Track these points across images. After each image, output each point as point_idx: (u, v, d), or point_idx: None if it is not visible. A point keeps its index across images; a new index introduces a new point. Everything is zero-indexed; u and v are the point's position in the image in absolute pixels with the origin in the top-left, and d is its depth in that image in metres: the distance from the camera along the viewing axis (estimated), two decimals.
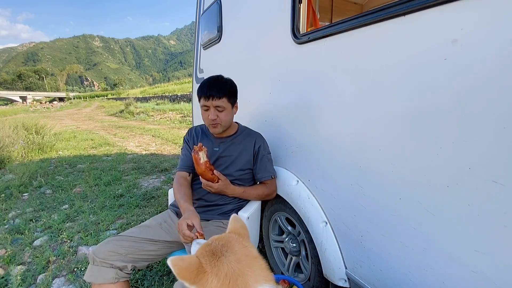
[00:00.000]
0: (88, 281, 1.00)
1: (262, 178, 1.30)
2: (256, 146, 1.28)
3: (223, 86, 1.16)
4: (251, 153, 1.28)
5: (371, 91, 0.86)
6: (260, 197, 1.32)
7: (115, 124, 11.43)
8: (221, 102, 1.14)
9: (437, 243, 0.72)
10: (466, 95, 0.62)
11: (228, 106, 1.17)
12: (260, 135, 1.33)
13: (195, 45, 2.55)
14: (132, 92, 36.52)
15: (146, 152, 5.35)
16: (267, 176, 1.29)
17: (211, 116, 1.15)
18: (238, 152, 1.27)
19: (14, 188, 3.11)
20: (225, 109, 1.16)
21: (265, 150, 1.31)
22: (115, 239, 1.07)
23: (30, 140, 5.34)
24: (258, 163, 1.29)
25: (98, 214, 2.47)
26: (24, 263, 1.79)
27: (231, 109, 1.21)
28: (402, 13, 0.73)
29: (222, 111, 1.16)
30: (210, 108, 1.15)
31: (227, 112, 1.18)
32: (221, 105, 1.14)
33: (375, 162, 0.87)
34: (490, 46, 0.57)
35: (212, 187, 1.16)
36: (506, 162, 0.56)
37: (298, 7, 1.17)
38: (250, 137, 1.30)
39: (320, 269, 1.15)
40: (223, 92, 1.14)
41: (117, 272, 1.01)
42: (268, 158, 1.32)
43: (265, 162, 1.29)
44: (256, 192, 1.29)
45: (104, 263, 0.99)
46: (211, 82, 1.15)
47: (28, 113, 20.57)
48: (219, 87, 1.14)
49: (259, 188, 1.31)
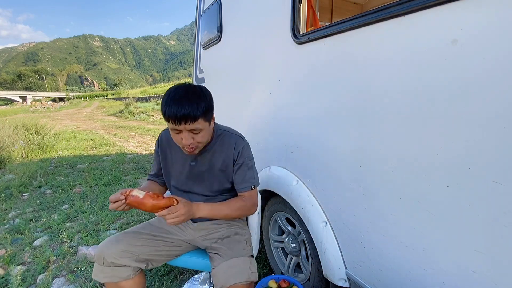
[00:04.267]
0: (103, 281, 0.97)
1: (240, 189, 1.07)
2: (236, 153, 1.05)
3: (196, 104, 0.87)
4: (231, 162, 1.06)
5: (371, 91, 0.86)
6: (234, 213, 1.05)
7: (115, 124, 11.43)
8: (196, 124, 0.89)
9: (437, 243, 0.72)
10: (466, 95, 0.62)
11: (205, 125, 0.93)
12: (240, 139, 1.08)
13: (195, 45, 2.55)
14: (132, 92, 36.53)
15: (146, 152, 5.35)
16: (245, 187, 1.06)
17: (185, 141, 0.91)
18: (218, 163, 1.07)
19: (14, 188, 3.11)
20: (202, 130, 0.92)
21: (246, 156, 1.07)
22: (126, 237, 1.02)
23: (30, 140, 5.35)
24: (237, 172, 1.07)
25: (98, 214, 2.47)
26: (24, 263, 1.79)
27: (208, 126, 0.95)
28: (402, 13, 0.73)
29: (198, 133, 0.92)
30: (183, 131, 0.90)
31: (204, 133, 0.94)
32: (197, 127, 0.90)
33: (375, 162, 0.87)
34: (490, 46, 0.57)
35: (179, 211, 0.89)
36: (506, 162, 0.56)
37: (298, 7, 1.17)
38: (229, 143, 1.06)
39: (320, 269, 1.15)
40: (197, 112, 0.87)
41: (133, 268, 0.99)
42: (249, 165, 1.08)
43: (245, 170, 1.06)
44: (228, 207, 1.04)
45: (116, 263, 0.96)
46: (179, 100, 0.86)
47: (28, 113, 20.56)
48: (191, 107, 0.86)
49: (232, 203, 1.06)
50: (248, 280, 0.92)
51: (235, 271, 0.92)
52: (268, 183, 1.44)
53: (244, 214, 1.10)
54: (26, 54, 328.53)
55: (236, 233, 1.10)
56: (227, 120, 1.92)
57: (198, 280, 1.55)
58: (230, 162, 1.06)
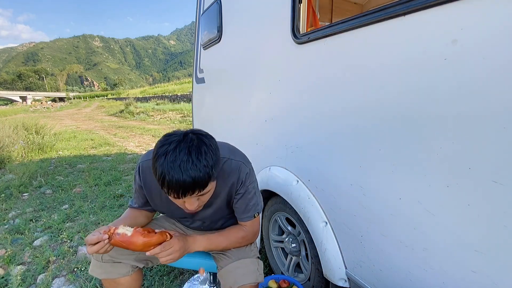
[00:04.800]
0: (101, 277, 0.96)
1: (242, 219, 0.99)
2: (239, 182, 0.93)
3: (204, 172, 0.70)
4: (233, 191, 0.95)
5: (371, 91, 0.86)
6: (233, 245, 0.98)
7: (115, 124, 11.43)
8: (205, 190, 0.75)
9: (437, 243, 0.72)
10: (466, 95, 0.62)
11: (213, 184, 0.81)
12: (243, 164, 0.94)
13: (195, 45, 2.55)
14: (132, 92, 36.54)
15: None
16: (248, 216, 0.97)
17: (189, 206, 0.79)
18: (221, 195, 0.95)
19: (14, 188, 3.11)
20: (209, 190, 0.79)
21: (249, 183, 0.95)
22: None
23: (30, 140, 5.35)
24: (238, 201, 0.96)
25: (98, 214, 2.47)
26: (24, 263, 1.79)
27: (214, 184, 0.83)
28: (402, 13, 0.73)
29: (205, 194, 0.78)
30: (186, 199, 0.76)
31: (211, 191, 0.82)
32: (205, 192, 0.76)
33: (375, 162, 0.87)
34: (490, 46, 0.57)
35: (173, 247, 0.81)
36: (506, 162, 0.56)
37: (298, 7, 1.17)
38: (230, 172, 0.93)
39: (320, 269, 1.15)
40: (206, 181, 0.72)
41: (132, 265, 0.98)
42: (252, 192, 0.97)
43: (248, 199, 0.96)
44: (227, 239, 0.96)
45: (115, 260, 0.95)
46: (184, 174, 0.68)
47: (28, 113, 20.56)
48: (200, 178, 0.70)
49: (232, 234, 0.97)
50: (256, 282, 0.92)
51: (243, 272, 0.92)
52: (268, 183, 1.44)
53: (244, 244, 1.01)
54: (26, 54, 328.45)
55: None
56: (227, 120, 1.92)
57: (198, 280, 1.54)
58: (232, 192, 0.96)
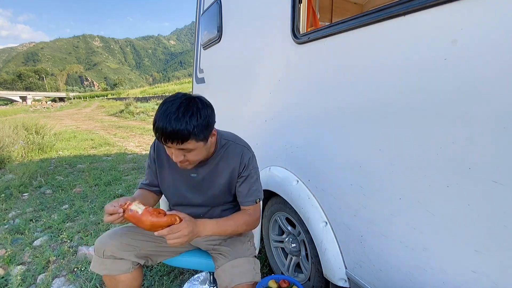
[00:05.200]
0: (102, 273, 0.97)
1: (245, 203, 1.02)
2: (242, 165, 1.00)
3: (186, 123, 0.78)
4: (235, 175, 1.01)
5: (371, 91, 0.86)
6: (240, 229, 1.00)
7: (115, 124, 11.43)
8: (185, 145, 0.81)
9: (437, 243, 0.72)
10: (466, 95, 0.62)
11: (198, 145, 0.85)
12: (246, 149, 1.02)
13: (195, 45, 2.55)
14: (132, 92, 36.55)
15: (146, 152, 5.35)
16: (251, 201, 1.01)
17: (174, 158, 0.86)
18: (222, 175, 1.01)
19: (14, 188, 3.11)
20: (193, 149, 0.85)
21: (252, 168, 1.02)
22: (127, 231, 1.02)
23: (30, 140, 5.35)
24: (241, 185, 1.01)
25: (98, 214, 2.47)
26: (24, 263, 1.79)
27: (203, 145, 0.88)
28: (402, 13, 0.73)
29: (190, 151, 0.85)
30: (172, 149, 0.85)
31: (197, 152, 0.87)
32: (187, 147, 0.83)
33: (375, 162, 0.87)
34: (490, 46, 0.57)
35: (181, 231, 0.82)
36: (506, 162, 0.56)
37: (298, 7, 1.17)
38: (235, 154, 1.00)
39: (320, 269, 1.15)
40: (186, 133, 0.78)
41: (132, 262, 0.99)
42: (254, 177, 1.03)
43: (250, 183, 1.01)
44: (235, 223, 0.98)
45: (117, 256, 0.96)
46: (168, 116, 0.77)
47: (28, 113, 20.56)
48: (180, 126, 0.77)
49: (239, 218, 1.00)
50: (252, 281, 0.92)
51: (239, 271, 0.92)
52: (268, 183, 1.44)
53: (249, 229, 1.05)
54: (26, 54, 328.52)
55: (239, 234, 1.10)
56: (227, 120, 1.92)
57: (198, 280, 1.55)
58: (235, 175, 1.01)
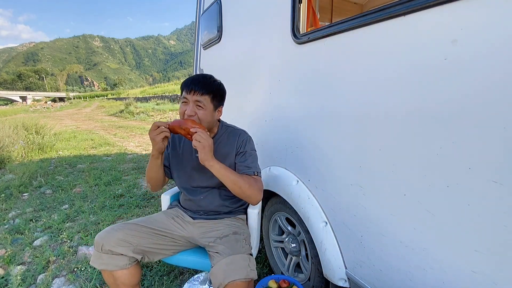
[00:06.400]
0: (99, 268, 0.99)
1: (245, 172, 1.11)
2: (239, 143, 1.16)
3: (209, 83, 1.06)
4: (233, 151, 1.15)
5: (371, 91, 0.86)
6: (242, 182, 1.03)
7: (115, 124, 11.43)
8: (202, 98, 1.04)
9: (437, 243, 0.72)
10: (466, 95, 0.62)
11: (210, 106, 1.06)
12: (244, 132, 1.21)
13: (195, 45, 2.55)
14: (132, 92, 36.52)
15: (146, 152, 5.35)
16: (250, 171, 1.11)
17: (188, 111, 1.03)
18: (223, 154, 1.15)
19: (14, 188, 3.11)
20: (205, 107, 1.05)
21: (249, 147, 1.17)
22: (126, 227, 1.04)
23: (30, 140, 5.35)
24: (239, 159, 1.14)
25: (98, 214, 2.47)
26: (24, 263, 1.79)
27: (213, 111, 1.08)
28: (402, 13, 0.73)
29: (202, 108, 1.05)
30: (189, 102, 1.04)
31: (207, 112, 1.06)
32: (202, 102, 1.04)
33: (375, 162, 0.87)
34: (490, 46, 0.57)
35: (208, 140, 0.97)
36: (506, 162, 0.56)
37: (298, 7, 1.17)
38: (234, 136, 1.18)
39: (320, 269, 1.15)
40: (207, 89, 1.04)
41: (130, 258, 1.00)
42: (252, 154, 1.16)
43: (247, 157, 1.14)
44: (240, 176, 1.05)
45: (114, 251, 0.98)
46: (197, 77, 1.07)
47: (28, 113, 20.56)
48: (204, 83, 1.05)
49: (245, 176, 1.08)
50: (247, 277, 0.89)
51: (233, 268, 0.91)
52: (268, 183, 1.44)
53: (249, 193, 1.05)
54: (26, 54, 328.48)
55: (235, 232, 1.10)
56: (227, 120, 1.92)
57: (198, 280, 1.54)
58: (233, 151, 1.15)
